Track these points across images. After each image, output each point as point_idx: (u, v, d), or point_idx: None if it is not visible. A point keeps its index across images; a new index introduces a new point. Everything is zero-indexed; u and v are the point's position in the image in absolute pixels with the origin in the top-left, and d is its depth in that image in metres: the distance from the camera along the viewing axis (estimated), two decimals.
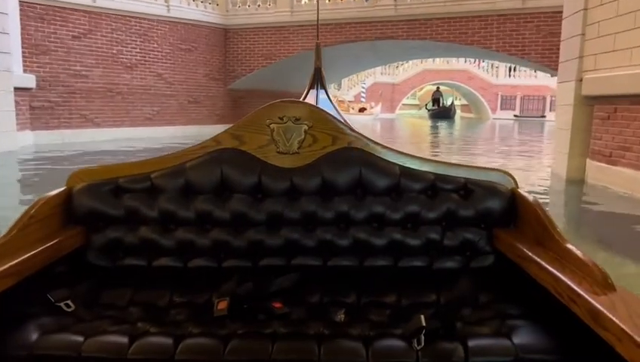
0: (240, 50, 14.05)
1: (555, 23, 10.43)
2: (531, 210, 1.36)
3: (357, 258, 1.49)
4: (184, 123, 13.27)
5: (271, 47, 13.61)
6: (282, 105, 1.55)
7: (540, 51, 10.67)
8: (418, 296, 1.39)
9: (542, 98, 30.86)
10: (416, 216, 1.49)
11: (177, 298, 1.39)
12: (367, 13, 12.34)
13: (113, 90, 11.59)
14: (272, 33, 13.56)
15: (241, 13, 13.97)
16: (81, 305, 1.29)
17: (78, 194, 1.47)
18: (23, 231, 1.28)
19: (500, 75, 31.87)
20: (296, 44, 13.28)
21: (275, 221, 1.49)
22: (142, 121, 12.28)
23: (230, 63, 14.21)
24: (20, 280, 1.18)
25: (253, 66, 13.93)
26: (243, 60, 14.04)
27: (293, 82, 15.96)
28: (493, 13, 11.03)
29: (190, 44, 13.23)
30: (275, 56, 13.60)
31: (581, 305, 0.99)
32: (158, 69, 12.51)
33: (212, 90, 14.01)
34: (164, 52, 12.61)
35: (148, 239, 1.47)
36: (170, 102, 12.89)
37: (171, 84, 12.88)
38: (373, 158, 1.53)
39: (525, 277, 1.24)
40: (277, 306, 1.28)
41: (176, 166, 1.53)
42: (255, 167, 1.52)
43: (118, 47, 11.57)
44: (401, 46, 12.96)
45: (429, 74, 32.28)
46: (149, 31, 12.19)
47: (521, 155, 10.71)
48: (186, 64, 13.19)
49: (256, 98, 14.75)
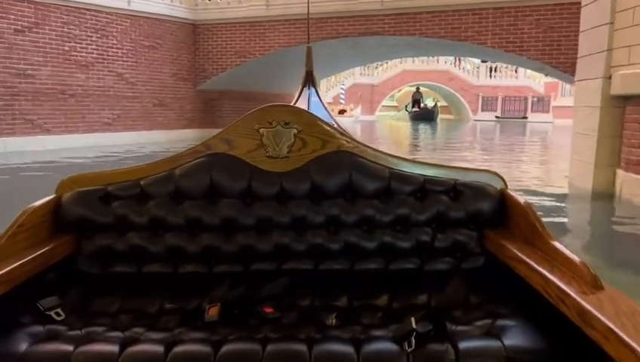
0: (211, 47, 12.84)
1: (555, 17, 9.54)
2: (520, 210, 1.36)
3: (348, 261, 1.48)
4: (148, 128, 11.99)
5: (245, 44, 12.43)
6: (272, 109, 1.54)
7: (540, 47, 9.77)
8: (409, 298, 1.39)
9: (523, 99, 30.45)
10: (406, 219, 1.49)
11: (168, 304, 1.37)
12: (350, 6, 11.28)
13: (65, 92, 10.24)
14: (246, 29, 12.39)
15: (212, 7, 12.76)
16: (72, 313, 1.28)
17: (68, 202, 1.45)
18: (12, 240, 1.27)
19: (480, 75, 31.43)
20: (272, 41, 12.13)
21: (266, 225, 1.49)
22: (100, 127, 10.95)
23: (200, 62, 12.98)
24: (10, 289, 1.16)
25: (225, 65, 12.74)
26: (214, 59, 12.83)
27: (270, 82, 14.88)
28: (489, 7, 10.09)
29: (155, 40, 11.96)
30: (249, 54, 12.43)
31: (570, 304, 0.99)
32: (117, 68, 11.19)
33: (180, 92, 12.75)
34: (125, 49, 11.31)
35: (137, 245, 1.46)
36: (132, 104, 11.59)
37: (133, 84, 11.58)
38: (362, 161, 1.53)
39: (515, 277, 1.25)
40: (268, 311, 1.29)
41: (166, 172, 1.52)
42: (245, 172, 1.51)
43: (70, 44, 10.23)
44: (386, 43, 11.94)
45: (409, 75, 31.62)
46: (107, 26, 10.88)
47: (522, 161, 9.80)
48: (150, 63, 11.91)
49: (230, 99, 13.58)
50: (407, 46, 12.22)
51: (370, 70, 31.13)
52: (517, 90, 30.68)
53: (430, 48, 12.28)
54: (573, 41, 9.38)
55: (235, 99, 13.88)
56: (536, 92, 30.47)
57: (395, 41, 11.62)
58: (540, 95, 30.27)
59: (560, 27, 9.55)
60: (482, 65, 31.52)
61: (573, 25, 9.35)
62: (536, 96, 30.22)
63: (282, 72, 13.97)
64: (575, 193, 5.94)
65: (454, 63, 31.80)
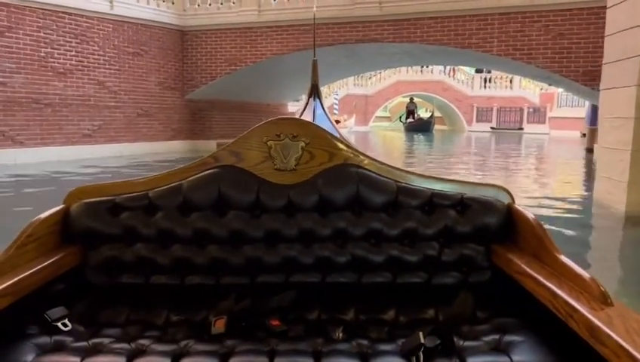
0: (199, 55, 12.17)
1: (566, 22, 8.99)
2: (528, 225, 1.35)
3: (355, 274, 1.47)
4: (132, 139, 11.25)
5: (235, 51, 11.78)
6: (280, 122, 1.55)
7: (549, 55, 9.20)
8: (416, 313, 1.38)
9: (519, 109, 30.03)
10: (413, 232, 1.48)
11: (175, 316, 1.37)
12: (347, 12, 10.67)
13: (41, 101, 9.49)
14: (237, 36, 11.75)
15: (201, 12, 12.11)
16: (79, 323, 1.29)
17: (76, 213, 1.45)
18: (20, 250, 1.27)
19: (475, 86, 31.07)
20: (264, 48, 11.49)
21: (273, 238, 1.48)
22: (78, 138, 10.19)
23: (188, 70, 12.30)
24: (17, 299, 1.16)
25: (215, 73, 12.06)
26: (203, 67, 12.16)
27: (263, 91, 14.24)
28: (494, 12, 9.52)
29: (139, 47, 11.26)
30: (240, 62, 11.77)
31: (578, 320, 0.99)
32: (99, 76, 10.48)
33: (166, 101, 12.04)
34: (108, 56, 10.60)
35: (145, 257, 1.46)
36: (114, 115, 10.86)
37: (116, 93, 10.86)
38: (369, 174, 1.53)
39: (523, 292, 1.23)
40: (275, 324, 1.27)
41: (174, 183, 1.52)
42: (252, 184, 1.51)
43: (47, 49, 9.51)
44: (384, 51, 11.34)
45: (403, 85, 31.17)
46: (87, 31, 10.17)
47: (528, 176, 9.19)
48: (135, 70, 11.21)
49: (220, 110, 12.90)
50: (405, 54, 11.63)
51: (364, 80, 30.65)
52: (512, 101, 30.29)
53: (430, 56, 11.70)
54: (584, 48, 8.83)
55: (225, 110, 13.20)
56: (532, 103, 30.11)
57: (394, 49, 11.03)
58: (536, 106, 29.91)
59: (570, 33, 9.00)
60: (476, 75, 31.22)
61: (585, 31, 8.80)
62: (531, 107, 29.85)
63: (275, 81, 13.32)
64: (604, 216, 5.30)
65: (449, 74, 31.45)
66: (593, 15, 8.80)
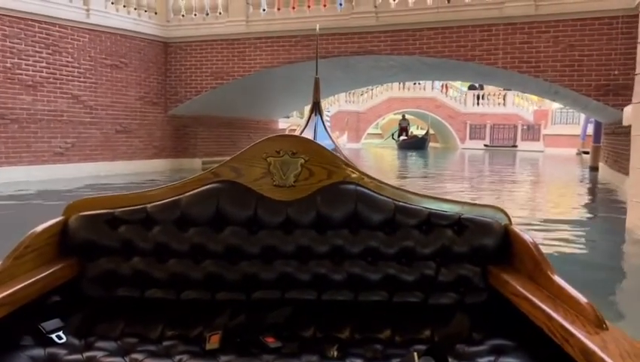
0: (184, 68, 11.43)
1: (576, 33, 8.39)
2: (524, 246, 1.36)
3: (351, 292, 1.46)
4: (110, 158, 10.41)
5: (222, 64, 11.06)
6: (279, 139, 1.58)
7: (558, 68, 8.57)
8: (412, 332, 1.38)
9: (512, 127, 29.63)
10: (410, 251, 1.49)
11: (170, 330, 1.36)
12: (343, 22, 10.02)
13: (6, 117, 8.64)
14: (224, 47, 11.04)
15: (185, 23, 11.40)
16: (74, 336, 1.29)
17: (74, 225, 1.45)
18: (17, 261, 1.27)
19: (468, 102, 30.72)
20: (254, 61, 10.78)
21: (270, 254, 1.48)
22: (49, 157, 9.33)
23: (172, 84, 11.54)
24: (13, 310, 1.16)
25: (200, 88, 11.31)
26: (188, 80, 11.41)
27: (252, 107, 13.50)
28: (500, 22, 8.91)
29: (119, 59, 10.50)
30: (227, 76, 11.04)
31: (574, 344, 0.99)
32: (73, 90, 9.67)
33: (148, 117, 11.24)
34: (83, 68, 9.81)
35: (141, 271, 1.45)
36: (90, 131, 10.03)
37: (92, 108, 10.04)
38: (368, 193, 1.53)
39: (519, 313, 1.24)
40: (269, 340, 1.27)
41: (173, 198, 1.52)
42: (251, 200, 1.51)
43: (14, 60, 8.69)
44: (380, 65, 10.69)
45: (395, 102, 30.72)
46: (60, 41, 9.39)
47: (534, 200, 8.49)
48: (113, 84, 10.42)
49: (205, 126, 12.14)
50: (402, 68, 10.98)
51: (356, 97, 30.16)
52: (505, 118, 29.93)
53: (429, 70, 11.06)
54: (596, 61, 8.22)
55: (211, 126, 12.43)
56: (525, 120, 29.79)
57: (391, 62, 10.37)
58: (530, 123, 29.57)
59: (581, 45, 8.39)
60: (469, 92, 30.93)
61: (597, 42, 8.20)
62: (525, 124, 29.49)
63: (265, 96, 12.61)
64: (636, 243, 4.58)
65: (441, 90, 31.12)
66: (605, 25, 8.22)
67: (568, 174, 13.87)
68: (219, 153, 12.54)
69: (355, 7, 9.95)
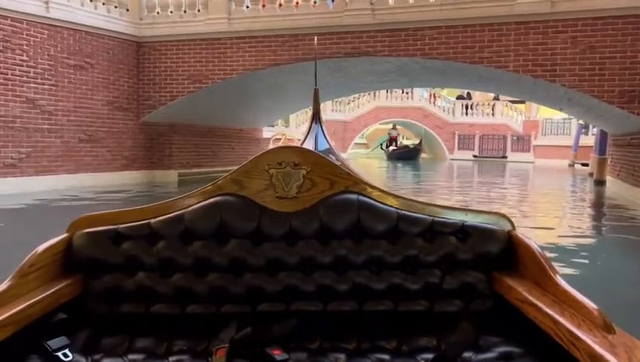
0: (158, 70, 10.32)
1: (597, 33, 7.52)
2: (529, 252, 1.36)
3: (356, 302, 1.47)
4: (72, 170, 9.21)
5: (201, 66, 9.98)
6: (281, 150, 1.58)
7: (577, 72, 7.69)
8: (418, 341, 1.38)
9: (502, 137, 29.07)
10: (414, 260, 1.49)
11: (176, 345, 1.37)
12: (335, 20, 9.04)
13: None
14: (203, 48, 9.97)
15: (160, 21, 10.31)
16: (80, 353, 1.29)
17: (78, 242, 1.46)
18: (22, 280, 1.27)
19: (456, 112, 30.15)
20: (236, 63, 9.73)
21: (274, 266, 1.48)
22: None
23: (144, 88, 10.42)
24: (19, 329, 1.17)
25: (176, 92, 10.21)
26: (162, 84, 10.30)
27: (234, 114, 12.39)
28: (511, 20, 8.01)
29: (83, 59, 9.34)
30: (206, 79, 9.96)
31: (581, 348, 0.99)
32: (28, 93, 8.48)
33: (117, 124, 10.08)
34: (41, 68, 8.63)
35: (146, 286, 1.46)
36: (48, 140, 8.83)
37: (51, 114, 8.85)
38: (370, 202, 1.54)
39: (525, 320, 1.24)
40: (276, 352, 1.27)
41: (176, 212, 1.53)
42: (254, 212, 1.51)
43: None
44: (376, 68, 9.73)
45: (382, 111, 30.00)
46: (13, 36, 8.22)
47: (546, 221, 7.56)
48: (77, 87, 9.25)
49: (182, 135, 11.02)
50: (400, 72, 10.04)
51: (342, 105, 29.32)
52: (494, 128, 29.39)
53: (429, 75, 10.12)
54: (620, 64, 7.35)
55: (189, 135, 11.33)
56: (515, 130, 29.29)
57: (387, 66, 9.42)
58: (519, 133, 29.05)
59: (603, 46, 7.53)
60: (457, 101, 30.39)
61: (620, 43, 7.34)
62: (515, 135, 28.96)
63: (248, 102, 11.54)
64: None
65: (429, 100, 30.53)
66: (630, 25, 7.37)
67: (572, 187, 13.05)
68: (197, 164, 11.42)
69: (348, 4, 8.98)
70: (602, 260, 4.79)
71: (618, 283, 3.81)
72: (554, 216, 7.83)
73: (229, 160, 12.44)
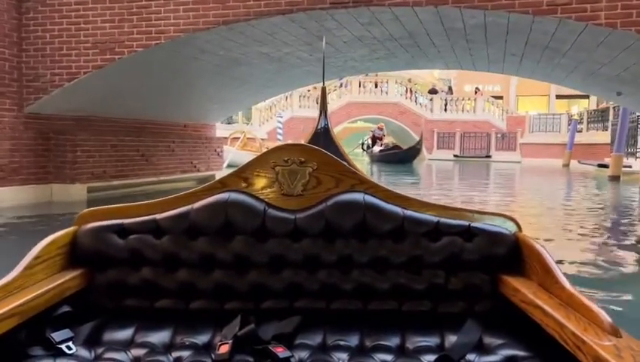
0: (50, 36, 6.90)
1: None
2: (535, 254, 1.36)
3: (360, 301, 1.48)
4: None
5: (113, 28, 6.62)
6: (288, 148, 1.58)
7: None
8: (422, 340, 1.38)
9: (485, 135, 26.73)
10: (419, 260, 1.49)
11: (179, 340, 1.38)
12: None
13: None
14: (116, 2, 6.62)
15: None
16: (83, 346, 1.30)
17: (84, 235, 1.48)
18: (27, 272, 1.28)
19: (435, 109, 27.67)
20: (165, 20, 6.42)
21: (278, 263, 1.49)
22: None
23: (30, 63, 6.98)
24: (23, 321, 1.18)
25: (77, 67, 6.81)
26: (56, 56, 6.88)
27: (176, 104, 8.78)
28: None
29: None
30: (122, 46, 6.62)
31: (587, 352, 0.98)
32: None
33: None
34: None
35: (150, 281, 1.47)
36: None
37: None
38: (376, 201, 1.54)
39: (530, 322, 1.25)
40: (279, 350, 1.27)
41: (182, 207, 1.53)
42: (259, 209, 1.52)
43: None
44: (371, 33, 6.62)
45: (355, 107, 27.26)
46: None
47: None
48: None
49: (94, 133, 7.63)
50: (408, 40, 6.97)
51: (310, 101, 26.27)
52: (476, 126, 27.05)
53: (452, 42, 7.01)
54: None
55: (105, 133, 7.96)
56: (497, 127, 27.03)
57: (393, 27, 6.31)
58: (503, 131, 26.77)
59: None
60: (435, 97, 27.93)
61: None
62: (499, 132, 26.65)
63: (192, 85, 8.23)
64: None
65: (405, 95, 27.91)
66: None
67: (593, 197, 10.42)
68: (119, 174, 8.04)
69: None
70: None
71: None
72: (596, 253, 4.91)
73: (166, 167, 9.11)
